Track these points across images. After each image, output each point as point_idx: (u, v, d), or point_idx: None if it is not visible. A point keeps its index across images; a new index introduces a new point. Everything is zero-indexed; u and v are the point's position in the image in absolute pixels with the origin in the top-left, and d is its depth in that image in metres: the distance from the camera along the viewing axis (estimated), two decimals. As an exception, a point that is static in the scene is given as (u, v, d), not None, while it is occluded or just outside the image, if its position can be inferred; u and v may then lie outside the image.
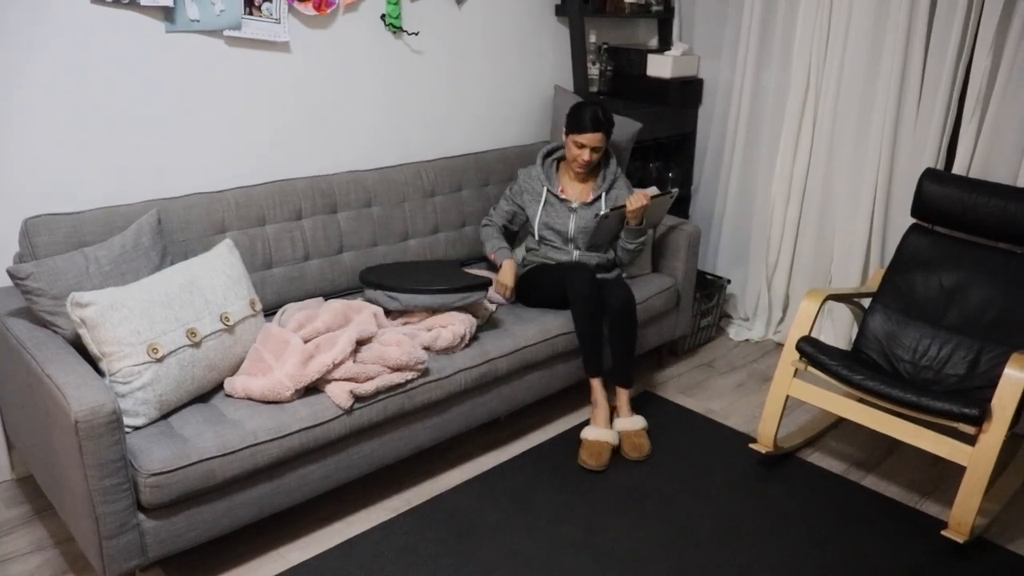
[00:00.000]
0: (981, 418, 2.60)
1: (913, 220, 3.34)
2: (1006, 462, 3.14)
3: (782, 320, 4.18)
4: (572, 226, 3.32)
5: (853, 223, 3.79)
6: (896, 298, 3.26)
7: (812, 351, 2.96)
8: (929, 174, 3.26)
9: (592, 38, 4.03)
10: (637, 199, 3.19)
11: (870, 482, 3.07)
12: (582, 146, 3.21)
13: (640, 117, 3.76)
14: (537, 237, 3.38)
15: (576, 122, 3.21)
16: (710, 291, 4.04)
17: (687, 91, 4.18)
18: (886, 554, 2.67)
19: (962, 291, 3.16)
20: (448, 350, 2.83)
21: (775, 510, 2.86)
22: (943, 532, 2.70)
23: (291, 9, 3.01)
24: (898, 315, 3.23)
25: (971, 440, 2.64)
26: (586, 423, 3.20)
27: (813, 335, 3.07)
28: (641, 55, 4.09)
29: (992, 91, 3.31)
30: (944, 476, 3.09)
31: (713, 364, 3.93)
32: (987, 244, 3.18)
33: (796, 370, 3.01)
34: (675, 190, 3.40)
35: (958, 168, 3.44)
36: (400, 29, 3.33)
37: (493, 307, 3.10)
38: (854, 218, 3.78)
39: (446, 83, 3.57)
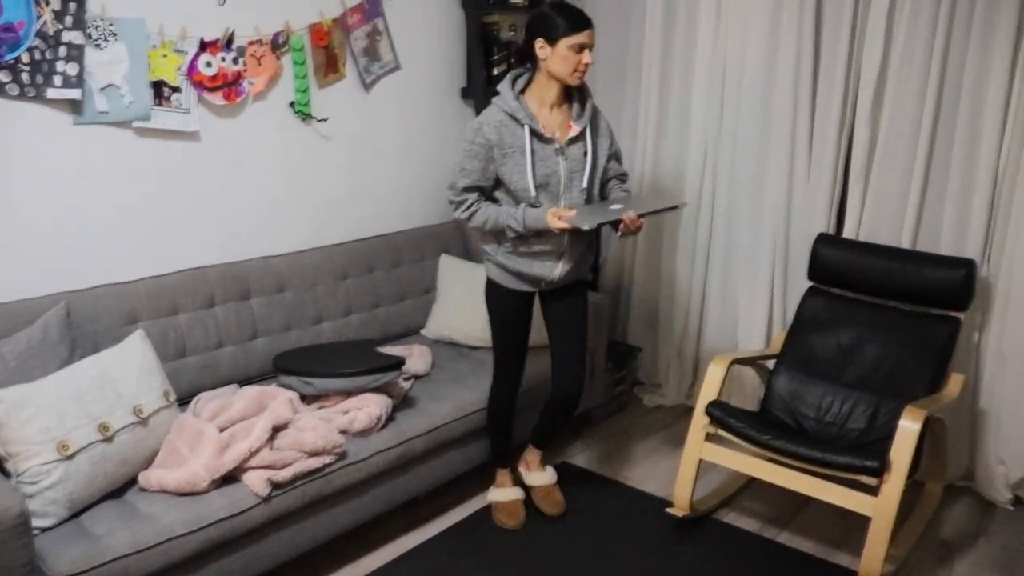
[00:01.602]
0: (881, 469, 2.72)
1: (810, 283, 3.52)
2: (909, 509, 3.27)
3: (693, 384, 4.30)
4: (563, 175, 2.78)
5: (754, 288, 3.95)
6: (798, 358, 3.40)
7: (721, 415, 3.06)
8: (822, 239, 3.46)
9: (497, 119, 4.16)
10: (633, 219, 2.71)
11: (784, 538, 3.16)
12: (582, 47, 2.66)
13: (546, 194, 3.88)
14: (534, 196, 2.76)
15: (569, 20, 2.64)
16: (622, 360, 4.14)
17: (590, 167, 4.33)
18: (801, 610, 2.76)
19: (858, 348, 3.31)
20: (365, 432, 2.84)
21: (694, 572, 2.92)
22: (853, 584, 2.81)
23: (200, 99, 3.05)
24: (801, 375, 3.37)
25: (874, 491, 2.76)
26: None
27: (723, 398, 3.18)
28: (545, 134, 4.23)
29: (873, 160, 3.53)
30: (853, 527, 3.20)
31: (628, 431, 4.01)
32: (878, 303, 3.36)
33: (708, 433, 3.11)
34: (682, 204, 3.02)
35: (848, 232, 3.64)
36: (309, 116, 3.40)
37: (408, 386, 3.13)
38: (755, 283, 3.94)
39: (356, 166, 3.64)
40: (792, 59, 3.62)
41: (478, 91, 3.96)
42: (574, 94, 2.83)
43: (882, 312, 3.34)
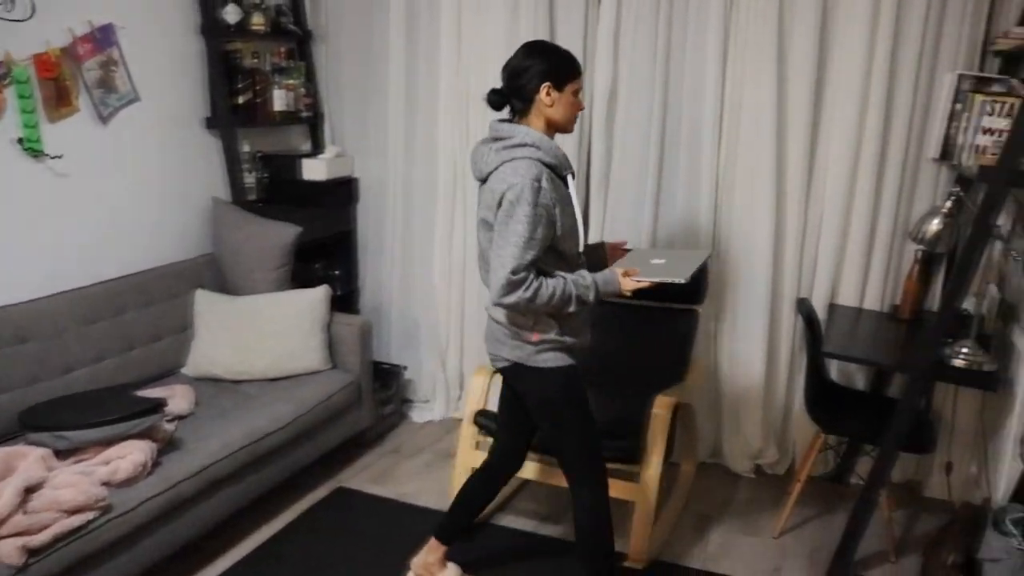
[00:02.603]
0: (639, 457, 2.98)
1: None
2: (669, 490, 3.57)
3: (460, 397, 4.44)
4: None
5: (509, 299, 4.14)
6: (554, 363, 3.62)
7: (487, 423, 3.20)
8: (566, 249, 3.70)
9: (245, 147, 4.10)
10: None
11: (559, 532, 3.36)
12: (575, 92, 2.47)
13: (299, 220, 3.88)
14: (582, 251, 2.53)
15: (573, 63, 2.44)
16: (387, 380, 4.20)
17: (343, 191, 4.36)
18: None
19: (609, 347, 3.56)
20: (130, 481, 2.72)
21: (476, 578, 3.04)
22: (625, 563, 3.05)
23: (-91, 142, 2.81)
24: (558, 378, 3.59)
25: (636, 478, 3.01)
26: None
27: (490, 407, 3.33)
28: (295, 160, 4.22)
29: (610, 169, 3.83)
30: (621, 513, 3.43)
31: (400, 449, 4.08)
32: (628, 303, 3.61)
33: (477, 442, 3.24)
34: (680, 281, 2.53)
35: (594, 238, 3.92)
36: (41, 152, 3.19)
37: (172, 427, 3.03)
38: (509, 295, 4.14)
39: (97, 204, 3.46)
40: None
41: (223, 121, 3.89)
42: None
43: (630, 311, 3.61)
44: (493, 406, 3.99)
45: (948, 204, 3.17)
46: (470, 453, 3.24)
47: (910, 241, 3.35)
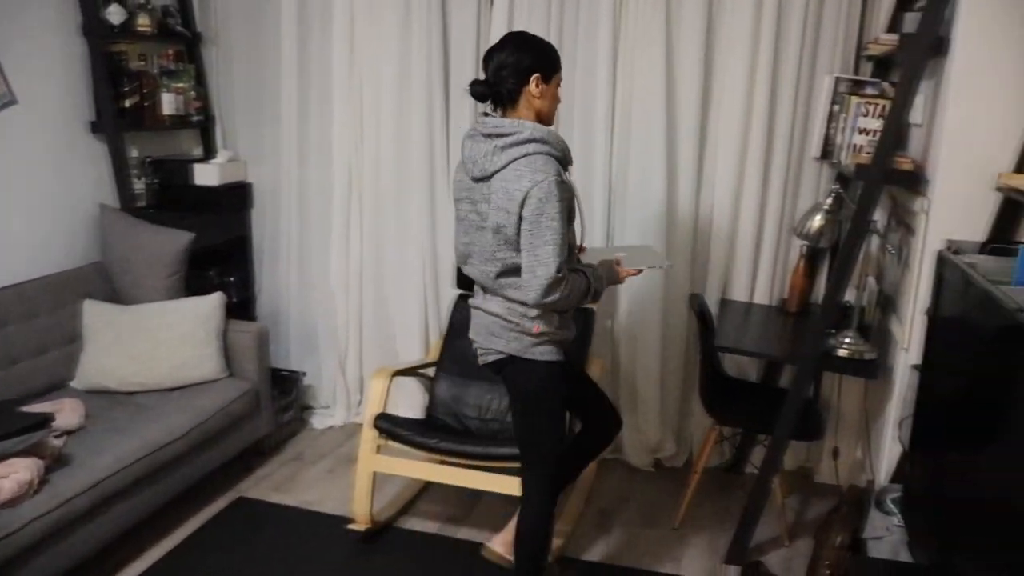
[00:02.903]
0: (538, 456, 3.01)
1: (459, 291, 3.75)
2: (570, 487, 3.62)
3: (361, 402, 4.41)
4: None
5: (408, 302, 4.14)
6: (454, 363, 3.63)
7: (388, 426, 3.19)
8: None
9: (134, 152, 3.98)
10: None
11: (464, 534, 3.37)
12: (560, 83, 2.50)
13: (192, 226, 3.80)
14: (582, 244, 2.57)
15: (557, 56, 2.46)
16: (287, 386, 4.14)
17: (237, 196, 4.28)
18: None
19: (508, 349, 3.61)
20: (15, 501, 2.60)
21: (381, 583, 3.04)
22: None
23: None
24: (459, 378, 3.60)
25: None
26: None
27: (391, 410, 3.32)
28: (187, 165, 4.12)
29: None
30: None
31: (301, 456, 4.03)
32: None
33: (378, 446, 3.23)
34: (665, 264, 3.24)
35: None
36: (-92, 160, 3.05)
37: (60, 443, 2.92)
38: (408, 297, 4.14)
39: (-28, 213, 3.32)
40: (424, 79, 3.85)
41: (109, 125, 3.77)
42: None
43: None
44: (393, 409, 4.01)
45: (829, 201, 3.31)
46: (371, 458, 3.22)
47: (796, 237, 3.48)
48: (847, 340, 3.01)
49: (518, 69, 2.38)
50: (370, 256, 4.18)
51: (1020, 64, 2.49)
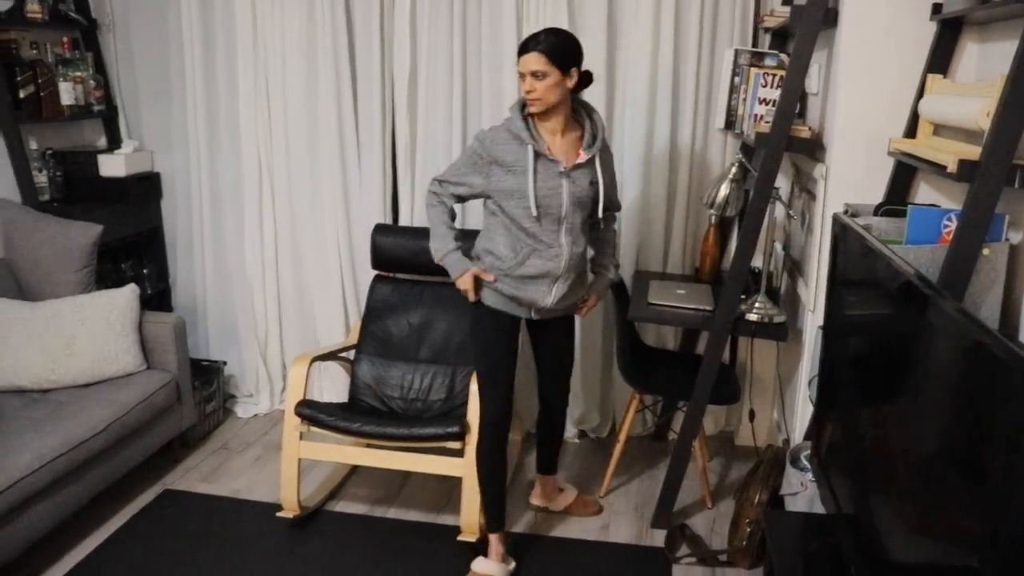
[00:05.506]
0: (462, 432, 3.05)
1: (375, 272, 3.77)
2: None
3: (284, 389, 4.39)
4: (566, 197, 2.73)
5: (326, 286, 4.13)
6: (375, 344, 3.64)
7: (310, 412, 3.19)
8: (378, 229, 3.68)
9: (33, 144, 3.87)
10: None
11: (393, 514, 3.41)
12: (522, 75, 2.66)
13: (101, 219, 3.73)
14: (536, 214, 2.69)
15: (520, 48, 2.68)
16: (208, 377, 4.10)
17: (145, 187, 4.20)
18: (417, 568, 3.03)
19: (429, 325, 3.63)
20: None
21: (315, 566, 3.04)
22: (458, 537, 3.13)
23: None
24: (380, 359, 3.61)
25: (461, 453, 3.09)
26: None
27: (316, 396, 3.31)
28: (91, 156, 4.02)
29: (415, 151, 3.88)
30: (452, 489, 3.54)
31: (228, 445, 4.00)
32: (439, 281, 3.68)
33: (301, 433, 3.23)
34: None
35: (404, 220, 3.97)
36: None
37: (-26, 446, 2.86)
38: (326, 281, 4.13)
39: None
40: (331, 64, 3.82)
41: (4, 117, 3.63)
42: (586, 124, 2.80)
43: (444, 289, 3.67)
44: (318, 394, 4.00)
45: (734, 170, 3.40)
46: (296, 444, 3.22)
47: (704, 207, 3.58)
48: (757, 304, 3.11)
49: (573, 56, 2.71)
50: (286, 242, 4.15)
51: (909, 31, 2.60)
